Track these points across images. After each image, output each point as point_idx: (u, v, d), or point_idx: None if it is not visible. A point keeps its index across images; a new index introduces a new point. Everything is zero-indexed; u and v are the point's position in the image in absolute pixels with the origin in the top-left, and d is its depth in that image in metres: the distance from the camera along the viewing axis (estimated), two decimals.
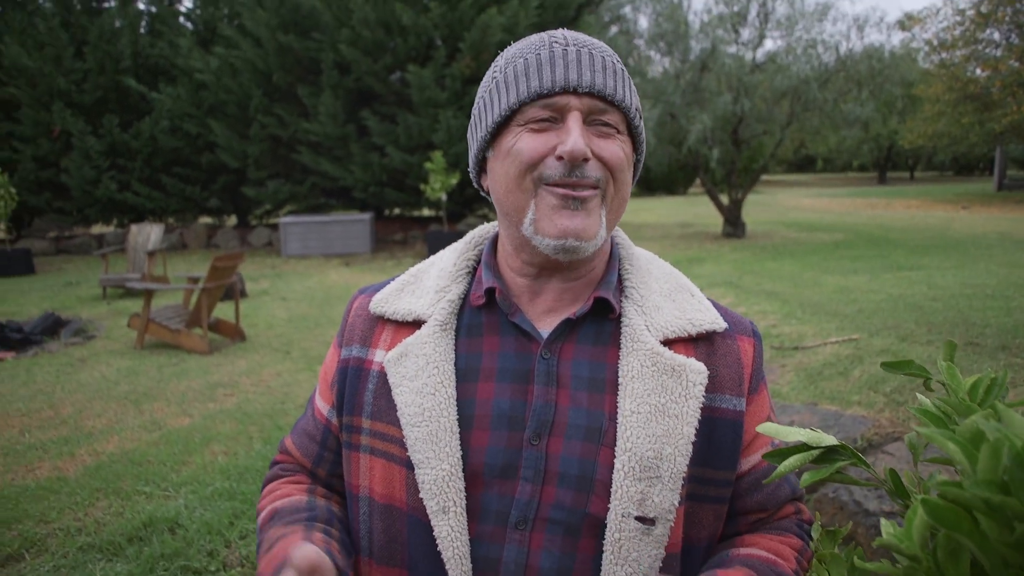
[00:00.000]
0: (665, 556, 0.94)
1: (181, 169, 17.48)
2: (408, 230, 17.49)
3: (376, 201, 16.58)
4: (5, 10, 16.96)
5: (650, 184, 40.42)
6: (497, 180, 1.00)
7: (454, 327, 1.05)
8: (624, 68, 0.99)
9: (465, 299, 1.08)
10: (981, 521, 0.53)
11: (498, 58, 1.03)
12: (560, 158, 0.93)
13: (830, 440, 0.79)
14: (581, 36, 0.98)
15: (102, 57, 16.81)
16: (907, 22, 26.69)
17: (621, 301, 1.04)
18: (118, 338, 7.82)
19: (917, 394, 0.83)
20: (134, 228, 11.06)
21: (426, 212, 19.13)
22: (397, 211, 19.16)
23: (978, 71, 23.63)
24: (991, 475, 0.52)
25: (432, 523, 0.94)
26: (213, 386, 5.95)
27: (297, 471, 1.17)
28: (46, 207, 17.35)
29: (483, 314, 1.05)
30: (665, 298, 1.05)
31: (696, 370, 0.97)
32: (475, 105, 1.04)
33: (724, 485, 1.00)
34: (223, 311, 8.38)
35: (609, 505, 0.93)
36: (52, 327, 8.13)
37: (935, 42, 24.96)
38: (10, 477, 4.18)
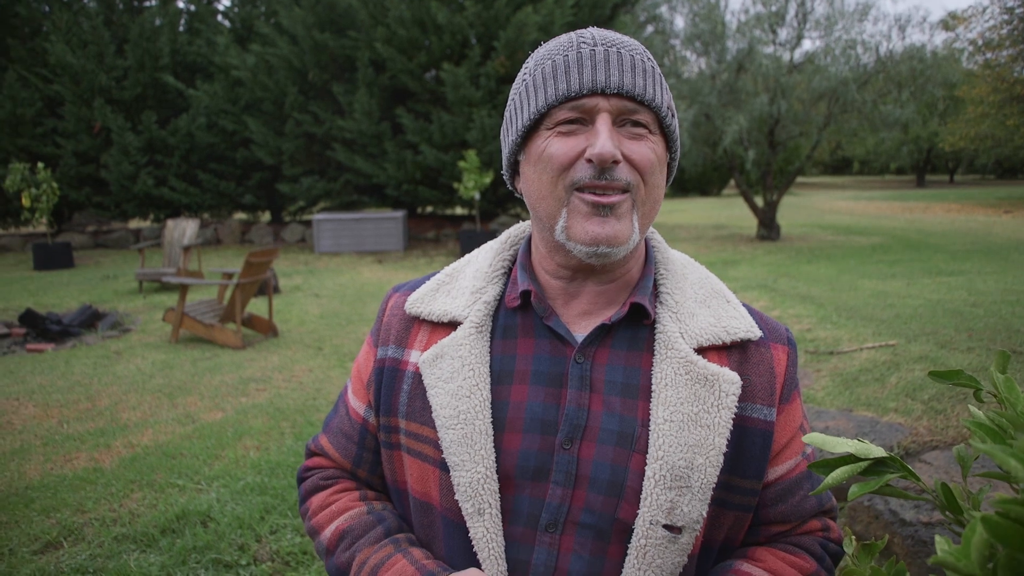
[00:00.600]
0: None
1: (217, 165, 17.75)
2: (441, 228, 17.55)
3: (409, 199, 16.67)
4: (52, 10, 17.35)
5: (684, 185, 40.18)
6: (530, 184, 0.99)
7: (490, 329, 1.05)
8: (656, 66, 0.98)
9: (501, 300, 1.07)
10: None
11: (528, 59, 1.01)
12: (590, 161, 0.91)
13: (878, 451, 0.77)
14: (611, 35, 0.96)
15: (142, 55, 17.12)
16: (951, 22, 26.21)
17: (656, 307, 1.03)
18: (153, 332, 7.94)
19: (970, 407, 0.80)
20: (170, 223, 11.23)
21: (459, 210, 19.20)
22: (430, 209, 19.25)
23: None
24: None
25: (468, 525, 0.95)
26: (246, 381, 6.01)
27: (338, 477, 1.16)
28: (86, 201, 17.72)
29: (518, 316, 1.05)
30: (700, 304, 1.04)
31: (729, 380, 0.96)
32: (507, 107, 1.04)
33: (750, 494, 0.99)
34: (256, 306, 8.47)
35: (638, 511, 0.92)
36: (90, 320, 8.28)
37: (980, 42, 24.46)
38: (49, 466, 4.26)
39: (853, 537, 0.94)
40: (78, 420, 5.10)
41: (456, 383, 0.99)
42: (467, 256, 1.17)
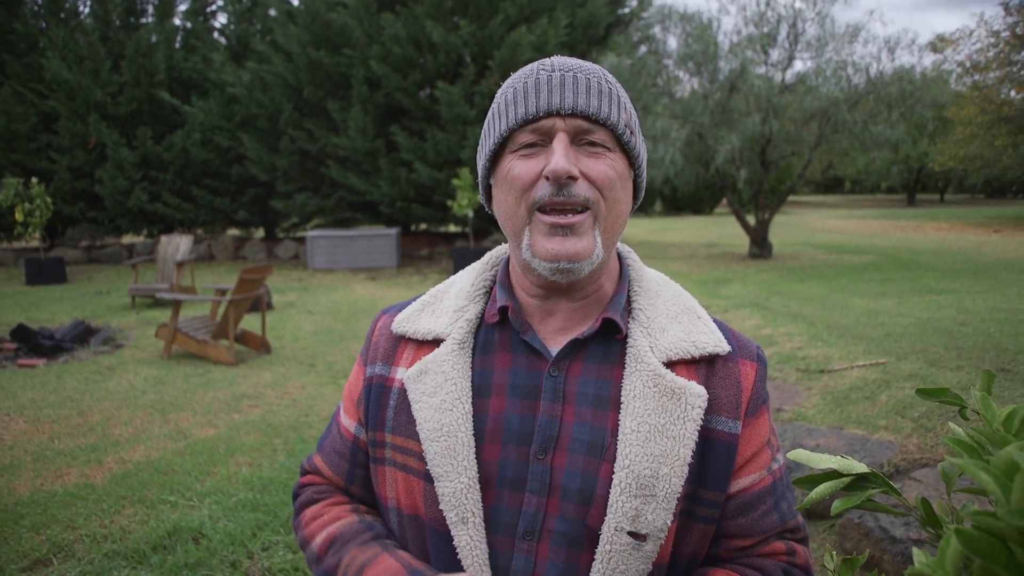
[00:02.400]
0: (653, 567, 0.97)
1: (211, 181, 17.76)
2: (434, 246, 17.58)
3: (403, 216, 16.70)
4: (49, 26, 17.41)
5: (676, 203, 40.33)
6: (499, 206, 1.04)
7: (471, 345, 1.08)
8: (615, 87, 1.01)
9: (482, 318, 1.11)
10: (1016, 551, 0.52)
11: (500, 88, 1.06)
12: (548, 178, 0.95)
13: (861, 467, 0.79)
14: (571, 61, 1.00)
15: (138, 71, 17.16)
16: (939, 44, 26.50)
17: (628, 322, 1.07)
18: (146, 347, 7.92)
19: (950, 423, 0.83)
20: (164, 239, 11.22)
21: (452, 228, 19.21)
22: (423, 227, 19.27)
23: (1012, 93, 23.36)
24: None
25: (452, 533, 0.98)
26: (238, 397, 6.00)
27: (332, 492, 1.19)
28: (80, 216, 17.69)
29: (496, 332, 1.09)
30: (671, 320, 1.07)
31: (696, 393, 0.99)
32: (481, 136, 1.08)
33: (715, 506, 1.01)
34: (249, 323, 8.46)
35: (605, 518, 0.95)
36: (82, 335, 8.25)
37: (968, 64, 24.73)
38: (40, 482, 4.24)
39: (834, 552, 0.96)
40: (69, 436, 5.08)
41: (439, 397, 1.03)
42: (452, 277, 1.22)
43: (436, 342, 1.09)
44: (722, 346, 1.05)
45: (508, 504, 0.99)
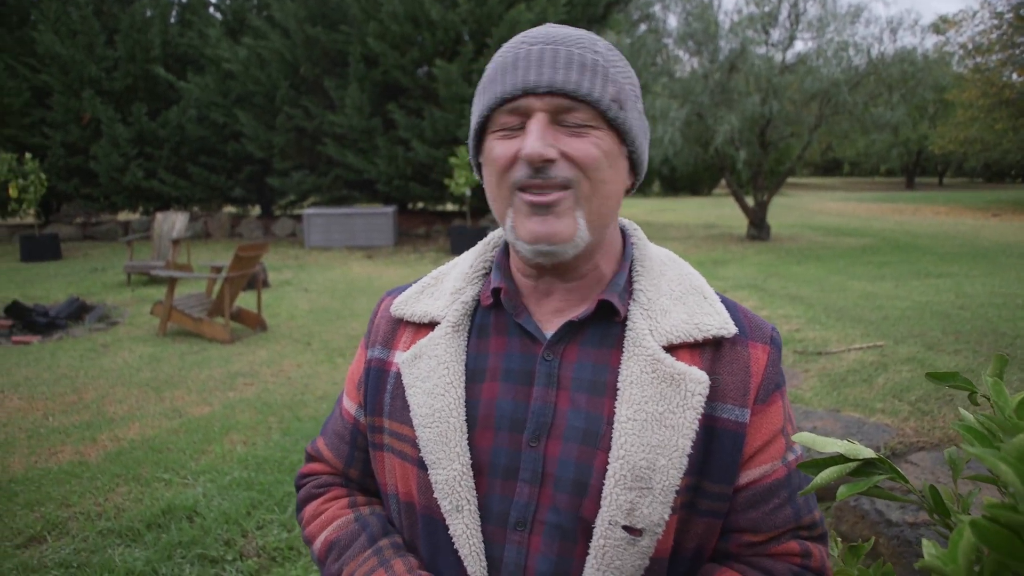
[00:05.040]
0: (651, 561, 0.92)
1: (207, 158, 17.64)
2: (431, 224, 17.52)
3: (400, 195, 16.64)
4: None
5: (675, 184, 40.24)
6: (486, 187, 1.00)
7: (467, 328, 1.05)
8: (601, 59, 0.94)
9: (479, 300, 1.08)
10: None
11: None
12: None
13: (867, 452, 0.77)
14: (559, 31, 0.94)
15: (132, 46, 17.00)
16: (941, 25, 26.37)
17: (629, 304, 1.02)
18: (141, 325, 7.90)
19: (961, 409, 0.80)
20: (159, 216, 11.16)
21: (450, 207, 19.15)
22: (421, 205, 19.19)
23: (1014, 76, 23.26)
24: None
25: (447, 522, 0.96)
26: (234, 375, 5.99)
27: (330, 484, 1.18)
28: (74, 193, 17.60)
29: (492, 315, 1.06)
30: (675, 301, 1.01)
31: (696, 379, 0.93)
32: None
33: (721, 499, 0.96)
34: (245, 300, 8.44)
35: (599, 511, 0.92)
36: (77, 312, 8.22)
37: (970, 46, 24.61)
38: (34, 460, 4.23)
39: (839, 539, 0.93)
40: (64, 413, 5.06)
41: (432, 382, 1.00)
42: (456, 259, 1.17)
43: (432, 325, 1.06)
44: (728, 328, 0.98)
45: (500, 493, 0.96)
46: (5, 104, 16.41)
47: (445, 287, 1.10)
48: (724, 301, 1.05)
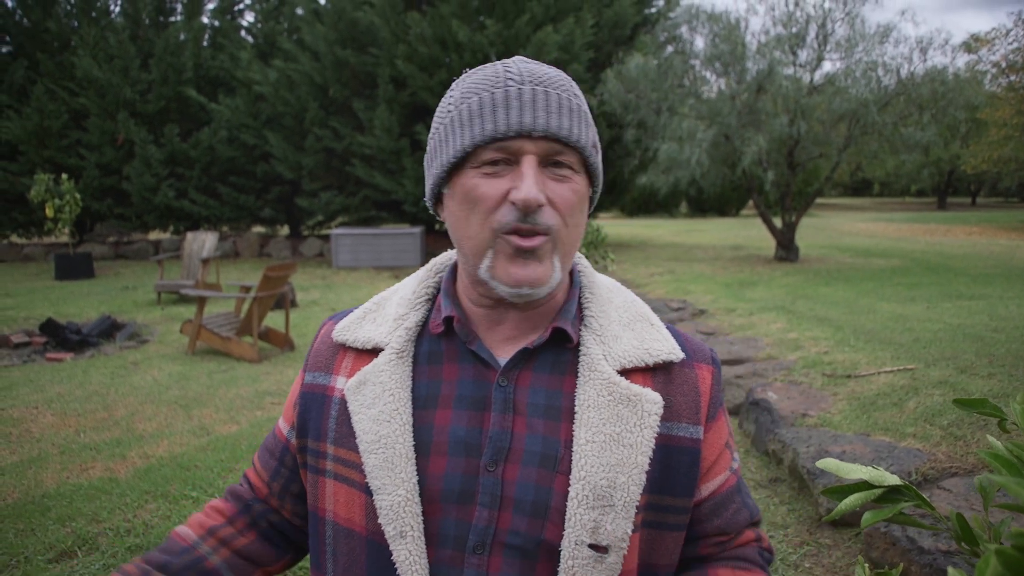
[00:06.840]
0: None
1: (237, 179, 17.90)
2: None
3: (427, 215, 16.74)
4: (81, 25, 17.67)
5: (702, 205, 40.05)
6: (455, 220, 0.99)
7: (411, 354, 1.07)
8: (582, 102, 0.98)
9: (424, 326, 1.10)
10: None
11: (454, 86, 1.00)
12: (514, 203, 0.92)
13: (892, 479, 0.76)
14: (538, 70, 0.95)
15: (166, 69, 17.36)
16: (973, 44, 26.09)
17: (580, 330, 1.05)
18: (170, 343, 8.00)
19: (988, 436, 0.80)
20: (189, 235, 11.33)
21: None
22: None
23: None
24: None
25: (391, 548, 0.96)
26: (261, 394, 6.03)
27: (236, 497, 1.22)
28: (108, 213, 17.93)
29: (443, 342, 1.07)
30: (624, 327, 1.06)
31: (651, 400, 0.98)
32: (431, 136, 1.03)
33: (682, 512, 1.01)
34: (273, 320, 8.52)
35: (563, 532, 0.93)
36: (108, 330, 8.35)
37: (1003, 64, 24.33)
38: (66, 475, 4.29)
39: (867, 565, 0.92)
40: (95, 430, 5.13)
41: (377, 408, 1.01)
42: (396, 285, 1.20)
43: (375, 351, 1.07)
44: (676, 352, 1.04)
45: (457, 518, 0.97)
46: (45, 126, 16.82)
47: (387, 312, 1.11)
48: (666, 327, 1.11)
